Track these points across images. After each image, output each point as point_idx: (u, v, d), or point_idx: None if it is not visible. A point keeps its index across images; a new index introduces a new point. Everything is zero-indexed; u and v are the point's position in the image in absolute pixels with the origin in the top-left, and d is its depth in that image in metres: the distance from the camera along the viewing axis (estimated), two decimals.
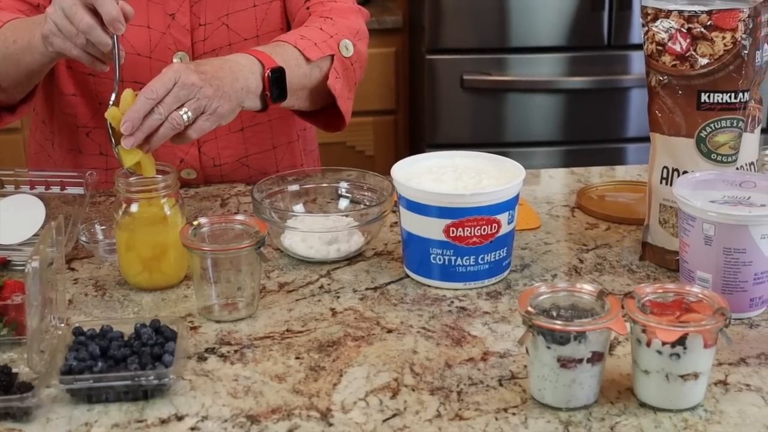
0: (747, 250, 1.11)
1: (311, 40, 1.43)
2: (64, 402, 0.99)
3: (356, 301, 1.20)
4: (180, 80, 1.22)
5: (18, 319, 1.08)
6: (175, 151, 1.53)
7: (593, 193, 1.53)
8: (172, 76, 1.22)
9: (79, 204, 1.38)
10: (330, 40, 1.45)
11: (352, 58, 1.49)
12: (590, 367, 0.96)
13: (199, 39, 1.50)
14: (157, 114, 1.20)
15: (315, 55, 1.41)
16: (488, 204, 1.19)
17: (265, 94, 1.34)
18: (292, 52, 1.39)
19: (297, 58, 1.39)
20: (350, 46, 1.47)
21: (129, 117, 1.19)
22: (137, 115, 1.20)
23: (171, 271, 1.22)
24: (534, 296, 0.99)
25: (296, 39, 1.42)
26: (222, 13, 1.51)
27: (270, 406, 0.98)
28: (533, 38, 2.67)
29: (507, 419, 0.96)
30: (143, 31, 1.49)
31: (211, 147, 1.56)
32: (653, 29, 1.22)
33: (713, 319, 0.95)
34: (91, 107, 1.54)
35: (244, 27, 1.52)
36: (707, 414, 0.96)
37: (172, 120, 1.21)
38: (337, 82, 1.45)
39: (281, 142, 1.63)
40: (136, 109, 1.20)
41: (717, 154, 1.21)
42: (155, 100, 1.20)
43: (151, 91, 1.20)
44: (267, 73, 1.33)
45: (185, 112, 1.22)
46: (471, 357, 1.07)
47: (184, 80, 1.22)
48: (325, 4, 1.53)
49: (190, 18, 1.49)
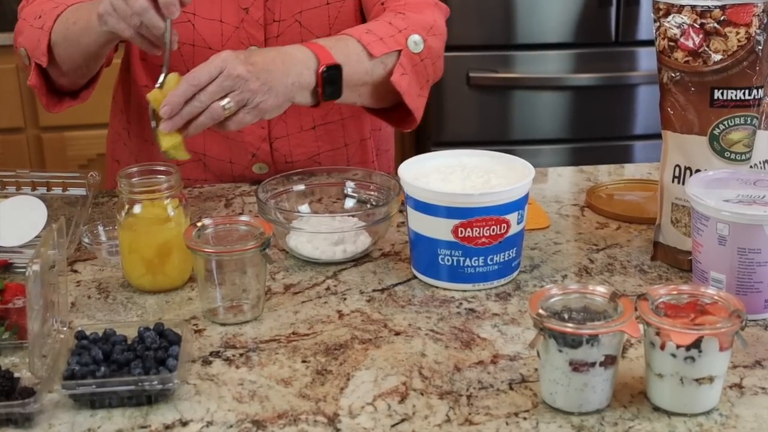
0: (762, 251, 1.09)
1: (377, 34, 1.38)
2: (67, 407, 0.97)
3: (363, 303, 1.18)
4: (226, 70, 1.21)
5: (19, 323, 1.07)
6: (246, 146, 1.53)
7: (603, 192, 1.51)
8: (219, 65, 1.21)
9: (81, 205, 1.36)
10: (398, 35, 1.40)
11: (423, 53, 1.43)
12: (603, 371, 0.94)
13: (272, 35, 1.49)
14: (197, 101, 1.21)
15: (379, 51, 1.37)
16: (497, 204, 1.17)
17: (317, 90, 1.31)
18: (354, 46, 1.36)
19: (359, 53, 1.36)
20: (420, 42, 1.42)
21: (169, 101, 1.21)
22: (177, 99, 1.20)
23: (175, 273, 1.21)
24: (545, 298, 0.97)
25: (361, 33, 1.38)
26: (296, 10, 1.49)
27: (276, 410, 0.97)
28: (540, 35, 2.65)
29: (518, 424, 0.94)
30: (215, 24, 1.47)
31: (282, 144, 1.55)
32: (665, 25, 1.20)
33: (729, 322, 0.93)
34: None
35: (316, 24, 1.50)
36: (722, 418, 0.94)
37: (212, 110, 1.21)
38: (403, 79, 1.40)
39: (353, 140, 1.61)
40: (177, 94, 1.20)
41: (730, 152, 1.19)
42: (197, 86, 1.20)
43: (194, 77, 1.20)
44: (321, 69, 1.30)
45: (227, 102, 1.22)
46: (480, 360, 1.05)
47: (230, 71, 1.21)
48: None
49: (264, 13, 1.48)
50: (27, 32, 1.44)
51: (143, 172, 1.22)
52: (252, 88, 1.23)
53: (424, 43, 1.43)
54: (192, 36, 1.47)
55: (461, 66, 2.64)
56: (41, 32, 1.40)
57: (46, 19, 1.40)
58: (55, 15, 1.39)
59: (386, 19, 1.43)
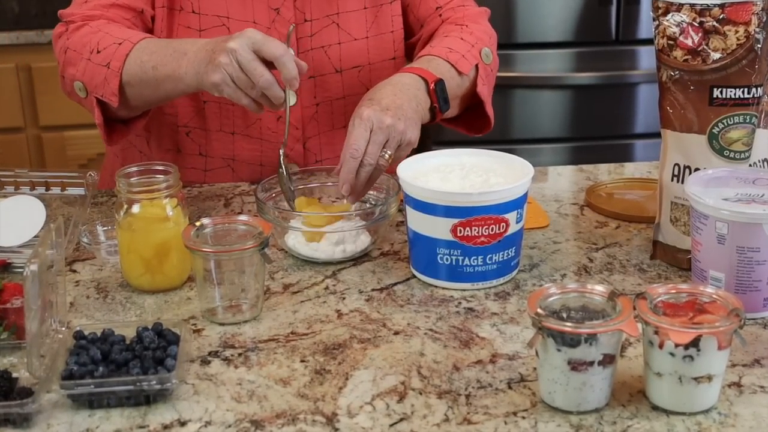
0: (761, 249, 1.08)
1: (459, 52, 1.47)
2: (65, 407, 0.97)
3: (362, 303, 1.18)
4: (374, 126, 1.27)
5: (18, 323, 1.07)
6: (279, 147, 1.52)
7: (602, 191, 1.51)
8: (367, 126, 1.28)
9: (80, 205, 1.36)
10: (472, 49, 1.50)
11: (492, 64, 1.55)
12: (601, 370, 0.94)
13: (305, 34, 1.51)
14: (367, 167, 1.27)
15: (466, 68, 1.47)
16: (496, 203, 1.17)
17: (433, 107, 1.40)
18: (444, 65, 1.44)
19: (449, 70, 1.44)
20: (490, 54, 1.53)
21: (344, 179, 1.27)
22: (350, 175, 1.27)
23: (173, 273, 1.21)
24: (544, 297, 0.97)
25: (446, 53, 1.46)
26: (331, 11, 1.52)
27: (275, 410, 0.97)
28: (540, 34, 2.65)
29: (516, 423, 0.94)
30: (249, 26, 1.48)
31: (314, 143, 1.57)
32: (664, 23, 1.19)
33: (727, 321, 0.93)
34: (193, 107, 1.52)
35: (354, 27, 1.54)
36: (721, 417, 0.94)
37: (380, 166, 1.29)
38: (484, 89, 1.51)
39: None
40: (349, 170, 1.27)
41: (730, 151, 1.19)
42: (360, 154, 1.27)
43: (355, 150, 1.27)
44: (432, 86, 1.39)
45: (388, 154, 1.29)
46: (479, 359, 1.05)
47: (378, 125, 1.28)
48: (457, 10, 1.58)
49: (294, 13, 1.50)
50: (83, 66, 1.40)
51: (142, 171, 1.22)
52: (399, 129, 1.29)
53: (492, 54, 1.54)
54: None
55: None
56: (108, 72, 1.37)
57: (111, 58, 1.37)
58: (124, 54, 1.36)
59: (456, 35, 1.51)
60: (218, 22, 1.47)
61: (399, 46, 1.59)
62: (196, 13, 1.47)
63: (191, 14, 1.47)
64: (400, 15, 1.58)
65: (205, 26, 1.47)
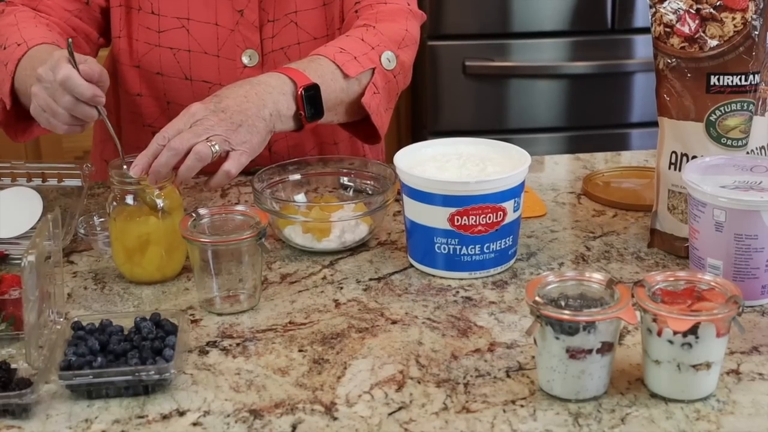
0: (759, 236, 1.08)
1: (351, 53, 1.36)
2: (64, 398, 0.97)
3: (360, 292, 1.18)
4: (196, 121, 1.20)
5: (16, 314, 1.07)
6: None
7: (599, 180, 1.51)
8: (188, 120, 1.20)
9: (77, 196, 1.36)
10: (371, 52, 1.39)
11: (395, 70, 1.42)
12: (600, 358, 0.94)
13: (267, 36, 1.47)
14: (170, 150, 1.16)
15: (354, 72, 1.35)
16: (493, 192, 1.17)
17: (299, 113, 1.30)
18: (329, 66, 1.34)
19: (333, 72, 1.34)
20: (393, 59, 1.41)
21: (137, 162, 1.17)
22: (146, 159, 1.17)
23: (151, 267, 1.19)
24: (542, 286, 0.97)
25: (335, 53, 1.36)
26: (290, 9, 1.47)
27: (273, 400, 0.97)
28: (536, 23, 2.64)
29: (515, 411, 0.94)
30: (210, 28, 1.45)
31: (281, 146, 1.53)
32: (661, 11, 1.19)
33: (726, 308, 0.93)
34: (158, 106, 1.50)
35: (312, 25, 1.48)
36: (720, 404, 0.94)
37: (198, 151, 1.17)
38: (374, 99, 1.39)
39: (342, 137, 1.58)
40: (146, 153, 1.17)
41: (727, 138, 1.19)
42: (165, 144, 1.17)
43: (161, 135, 1.18)
44: (300, 92, 1.28)
45: (213, 144, 1.18)
46: (477, 348, 1.05)
47: (202, 122, 1.19)
48: (375, 6, 1.46)
49: (258, 14, 1.45)
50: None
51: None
52: (229, 129, 1.20)
53: (396, 59, 1.41)
54: (187, 42, 1.45)
55: (457, 55, 2.63)
56: (5, 72, 1.34)
57: (9, 59, 1.34)
58: (17, 58, 1.32)
59: (358, 35, 1.40)
60: (177, 24, 1.43)
61: None
62: (156, 14, 1.44)
63: (150, 15, 1.44)
64: None
65: (164, 28, 1.44)
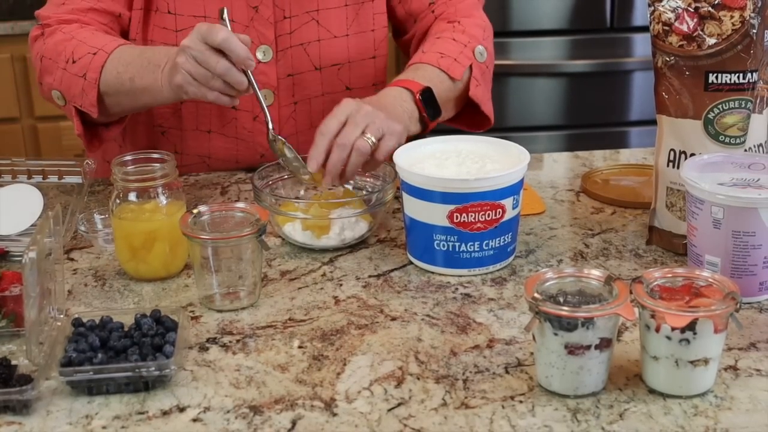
0: (756, 233, 1.09)
1: (450, 56, 1.46)
2: (65, 394, 0.98)
3: (359, 289, 1.18)
4: (353, 111, 1.27)
5: (16, 311, 1.07)
6: (256, 147, 1.53)
7: (598, 177, 1.52)
8: (345, 111, 1.28)
9: (77, 193, 1.36)
10: (465, 50, 1.48)
11: (487, 61, 1.52)
12: (598, 354, 0.94)
13: (284, 32, 1.49)
14: (341, 146, 1.25)
15: (459, 74, 1.45)
16: (492, 189, 1.17)
17: (422, 116, 1.39)
18: (434, 72, 1.44)
19: (440, 76, 1.43)
20: (483, 51, 1.51)
21: (312, 156, 1.26)
22: (318, 153, 1.26)
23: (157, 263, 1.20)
24: (540, 282, 0.97)
25: (437, 59, 1.45)
26: (311, 7, 1.49)
27: (273, 396, 0.97)
28: (535, 21, 2.64)
29: (514, 407, 0.94)
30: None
31: (292, 142, 1.51)
32: (659, 9, 1.20)
33: (723, 304, 0.93)
34: (169, 108, 1.51)
35: (335, 24, 1.51)
36: (717, 400, 0.95)
37: (359, 147, 1.25)
38: (478, 90, 1.49)
39: None
40: (317, 149, 1.26)
41: (725, 136, 1.20)
42: (331, 136, 1.26)
43: (326, 129, 1.26)
44: (417, 96, 1.39)
45: (368, 136, 1.26)
46: (476, 344, 1.05)
47: (357, 110, 1.28)
48: (449, 4, 1.55)
49: (273, 11, 1.47)
50: (59, 75, 1.39)
51: (138, 160, 1.22)
52: (381, 116, 1.29)
53: (486, 51, 1.52)
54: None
55: None
56: (85, 83, 1.37)
57: (87, 69, 1.36)
58: (99, 65, 1.36)
59: (448, 36, 1.49)
60: (195, 23, 1.41)
61: (380, 45, 1.56)
62: (172, 13, 1.45)
63: (167, 15, 1.45)
64: (383, 13, 1.55)
65: (181, 27, 1.45)
